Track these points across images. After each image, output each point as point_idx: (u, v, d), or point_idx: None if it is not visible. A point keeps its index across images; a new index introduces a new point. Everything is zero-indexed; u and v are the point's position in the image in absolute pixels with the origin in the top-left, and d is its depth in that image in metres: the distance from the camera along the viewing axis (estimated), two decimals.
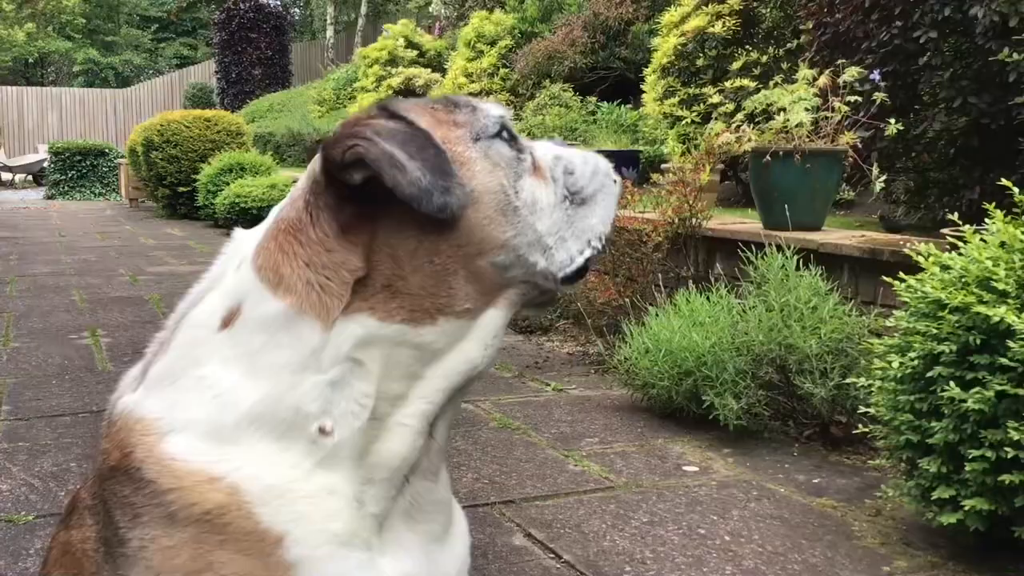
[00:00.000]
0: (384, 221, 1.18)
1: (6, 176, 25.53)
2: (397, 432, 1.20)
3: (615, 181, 1.36)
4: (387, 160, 1.13)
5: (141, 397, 1.23)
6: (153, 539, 1.12)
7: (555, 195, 1.28)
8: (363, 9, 27.63)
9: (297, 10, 40.68)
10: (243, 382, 1.17)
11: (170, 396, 1.20)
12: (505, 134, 1.26)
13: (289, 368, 1.17)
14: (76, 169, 20.79)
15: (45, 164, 22.60)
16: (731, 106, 7.06)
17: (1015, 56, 4.11)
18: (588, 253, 1.30)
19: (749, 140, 4.63)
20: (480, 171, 1.22)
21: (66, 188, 20.63)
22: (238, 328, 1.20)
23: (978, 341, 2.40)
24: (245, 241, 1.27)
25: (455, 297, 1.20)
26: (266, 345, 1.18)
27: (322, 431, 1.16)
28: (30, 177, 25.65)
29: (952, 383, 2.41)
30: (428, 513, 1.28)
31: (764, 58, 7.30)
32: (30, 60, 36.44)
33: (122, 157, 19.02)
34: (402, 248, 1.18)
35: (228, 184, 11.92)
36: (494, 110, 1.29)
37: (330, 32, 28.86)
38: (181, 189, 13.75)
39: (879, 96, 4.58)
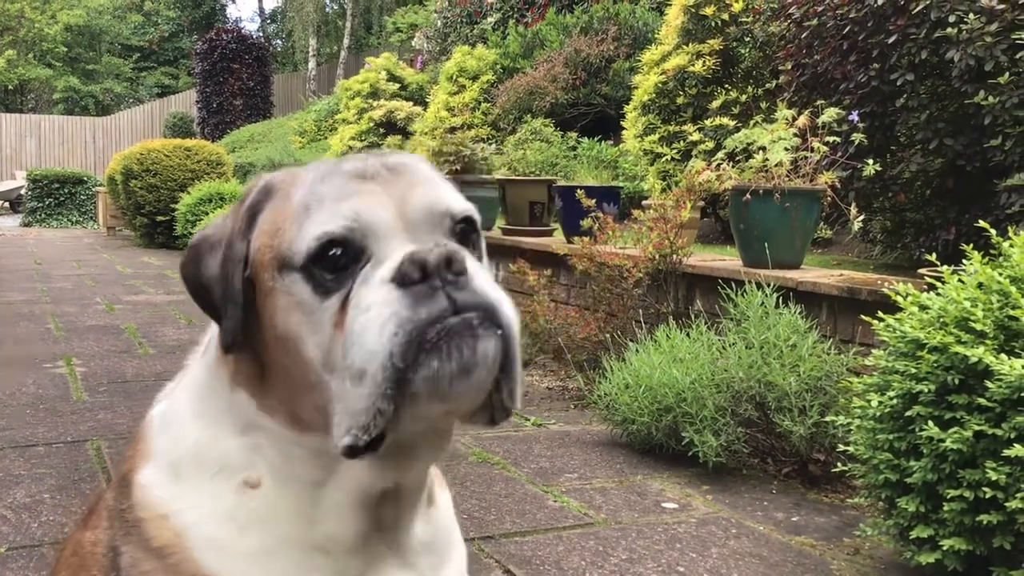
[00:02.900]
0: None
1: None
2: (330, 514, 1.11)
3: (394, 366, 0.98)
4: (201, 294, 1.14)
5: (155, 410, 1.24)
6: (136, 561, 1.12)
7: (344, 359, 1.02)
8: (346, 42, 27.76)
9: (279, 41, 40.85)
10: (188, 417, 1.17)
11: (163, 416, 1.21)
12: (326, 259, 1.04)
13: (215, 418, 1.14)
14: (54, 197, 20.71)
15: (23, 191, 22.48)
16: (711, 144, 7.12)
17: (990, 99, 4.17)
18: (347, 440, 1.01)
19: (729, 178, 4.67)
20: (281, 310, 1.07)
21: (43, 216, 20.52)
22: (204, 358, 1.20)
23: (956, 381, 2.42)
24: None
25: (313, 419, 1.08)
26: (205, 386, 1.17)
27: (247, 483, 1.12)
28: (7, 204, 25.49)
29: (931, 422, 2.42)
30: (415, 554, 1.21)
31: (743, 97, 7.38)
32: (10, 87, 36.31)
33: (101, 185, 18.97)
34: (265, 348, 1.12)
35: (207, 214, 11.89)
36: (328, 223, 1.04)
37: (312, 64, 28.96)
38: (160, 218, 13.70)
39: (858, 136, 4.64)
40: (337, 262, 1.04)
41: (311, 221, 1.05)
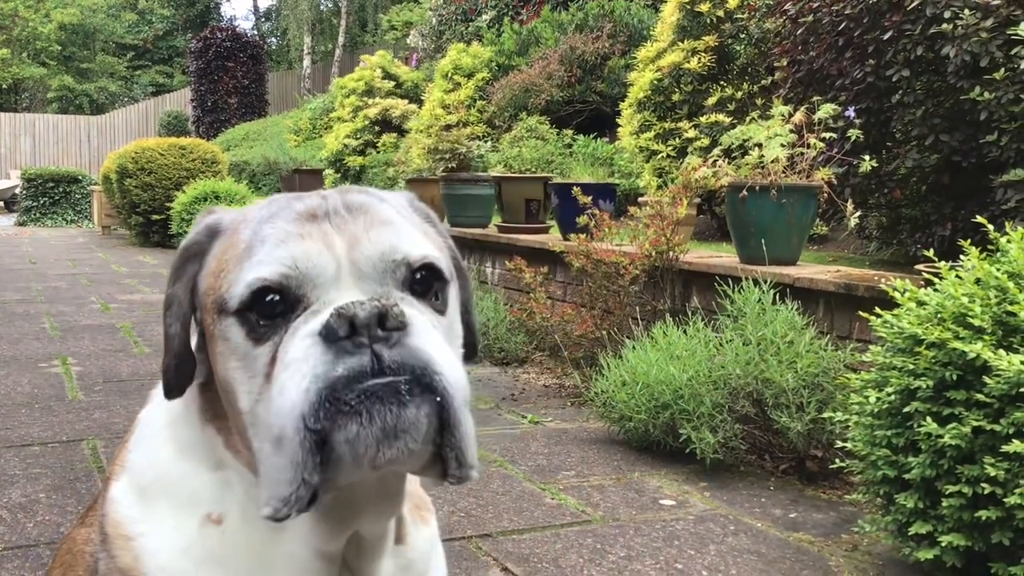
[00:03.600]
0: None
1: None
2: (288, 561, 1.07)
3: (308, 428, 0.91)
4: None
5: (142, 415, 1.21)
6: (108, 572, 1.10)
7: (265, 422, 0.97)
8: (340, 39, 27.73)
9: (274, 39, 40.79)
10: (167, 443, 1.13)
11: (146, 434, 1.17)
12: (262, 305, 0.98)
13: (190, 451, 1.11)
14: (49, 196, 20.65)
15: (17, 190, 22.42)
16: (706, 141, 7.12)
17: (986, 95, 4.17)
18: (267, 511, 0.94)
19: (726, 175, 4.66)
20: (219, 355, 1.02)
21: (38, 215, 20.47)
22: None
23: (954, 377, 2.42)
24: None
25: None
26: (182, 417, 1.13)
27: (209, 517, 1.08)
28: (2, 203, 25.43)
29: (929, 418, 2.42)
30: None
31: (739, 94, 7.37)
32: (4, 86, 36.22)
33: (95, 184, 18.93)
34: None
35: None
36: (264, 267, 0.98)
37: (307, 62, 28.93)
38: (155, 217, 13.68)
39: (854, 133, 4.63)
40: (274, 308, 0.99)
41: (250, 264, 1.00)
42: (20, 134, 29.27)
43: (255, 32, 39.97)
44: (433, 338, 0.98)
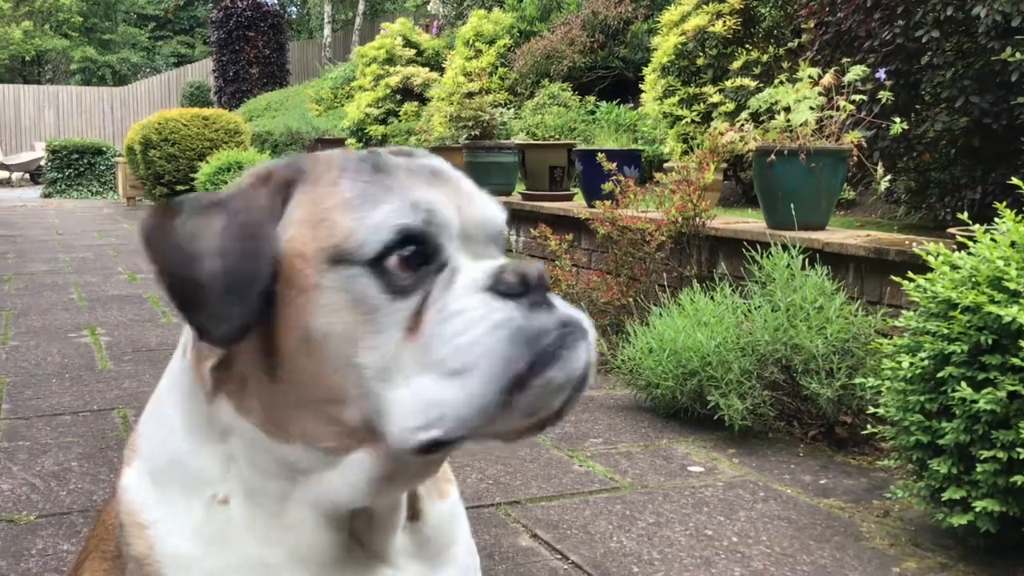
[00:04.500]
0: None
1: (3, 175, 25.48)
2: (296, 531, 1.04)
3: (516, 373, 0.94)
4: (182, 283, 0.96)
5: (152, 399, 1.18)
6: (128, 559, 1.09)
7: (419, 363, 0.95)
8: (360, 8, 27.59)
9: (294, 8, 40.66)
10: (177, 427, 1.09)
11: (153, 417, 1.14)
12: (396, 258, 0.95)
13: (198, 428, 1.07)
14: (73, 167, 20.76)
15: (42, 162, 22.56)
16: (731, 105, 7.05)
17: (1017, 56, 4.10)
18: (434, 433, 0.95)
19: (753, 139, 4.61)
20: (325, 308, 0.96)
21: (63, 186, 20.59)
22: (184, 364, 1.11)
23: (989, 341, 2.39)
24: None
25: (308, 432, 1.00)
26: (189, 395, 1.08)
27: (215, 498, 1.05)
28: (27, 175, 25.60)
29: (963, 383, 2.39)
30: (401, 557, 1.14)
31: (764, 57, 7.29)
32: (27, 58, 36.35)
33: (119, 155, 19.00)
34: (246, 357, 1.02)
35: (226, 183, 11.88)
36: (404, 215, 0.96)
37: (327, 31, 28.82)
38: (179, 188, 13.71)
39: (884, 95, 4.57)
40: (407, 260, 0.96)
41: (379, 211, 0.96)
42: (44, 106, 29.38)
43: (275, 1, 39.87)
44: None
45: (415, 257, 0.96)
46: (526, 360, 0.93)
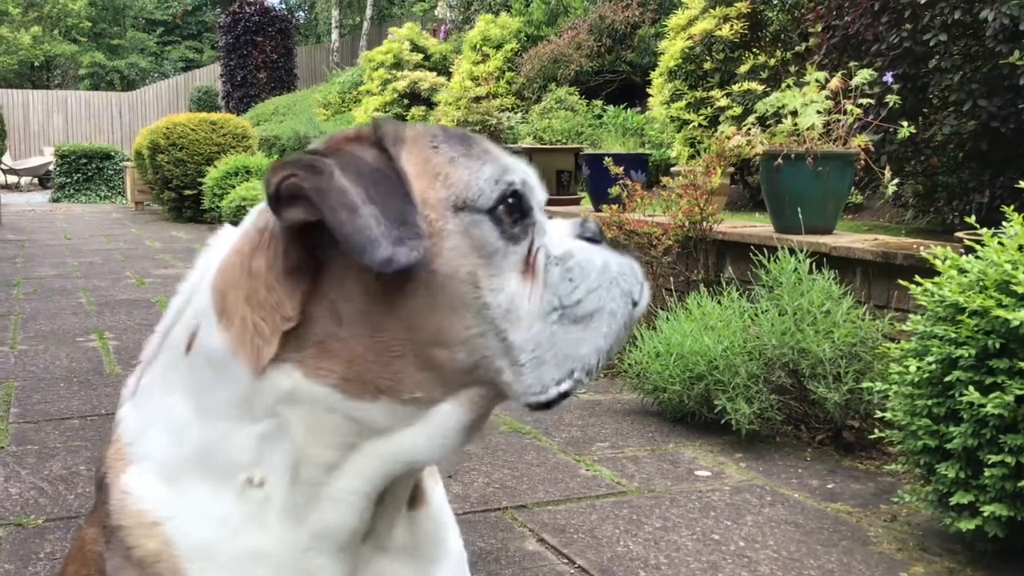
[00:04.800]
0: (331, 269, 1.01)
1: (12, 179, 25.57)
2: (332, 504, 1.05)
3: (634, 302, 1.08)
4: (335, 197, 0.96)
5: (127, 412, 1.16)
6: (117, 570, 1.08)
7: (542, 304, 1.03)
8: (368, 12, 27.65)
9: (302, 13, 40.76)
10: (192, 419, 1.08)
11: (143, 418, 1.13)
12: (504, 208, 1.03)
13: (225, 412, 1.06)
14: (82, 172, 20.82)
15: (51, 167, 22.63)
16: (739, 109, 7.04)
17: None
18: (566, 386, 1.03)
19: (760, 143, 4.61)
20: (450, 250, 1.01)
21: (72, 191, 20.65)
22: (194, 355, 1.10)
23: (997, 345, 2.38)
24: (223, 244, 1.13)
25: (401, 382, 1.02)
26: (210, 382, 1.07)
27: (250, 482, 1.05)
28: (36, 180, 25.68)
29: (971, 387, 2.39)
30: (400, 553, 1.16)
31: (772, 61, 7.28)
32: (36, 63, 36.45)
33: (128, 160, 19.06)
34: (345, 308, 1.01)
35: (234, 187, 11.92)
36: (508, 173, 1.05)
37: (335, 35, 28.88)
38: (187, 192, 13.76)
39: (892, 98, 4.56)
40: (512, 212, 1.05)
41: (488, 168, 1.05)
42: (53, 111, 29.48)
43: (283, 6, 39.93)
44: None
45: (517, 210, 1.05)
46: (638, 292, 1.08)
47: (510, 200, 1.04)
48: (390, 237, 0.95)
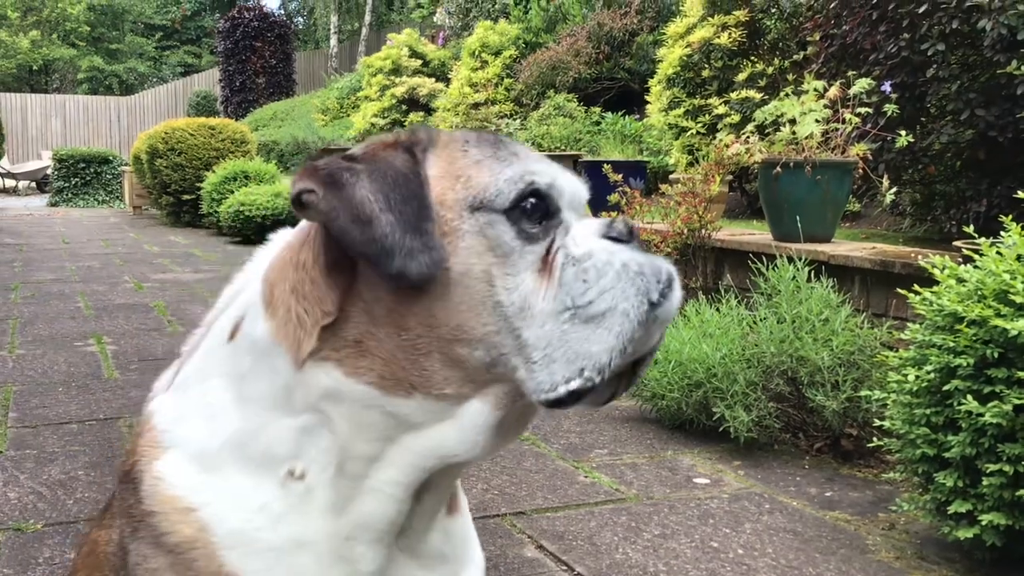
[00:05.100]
0: (363, 270, 1.06)
1: (10, 183, 25.56)
2: (373, 495, 1.08)
3: (650, 303, 1.06)
4: (350, 211, 1.01)
5: (163, 403, 1.18)
6: (144, 558, 1.09)
7: (555, 303, 1.04)
8: (367, 18, 27.69)
9: (301, 19, 40.81)
10: (231, 406, 1.11)
11: (180, 407, 1.16)
12: (523, 209, 1.06)
13: (264, 403, 1.09)
14: (80, 176, 20.81)
15: (49, 171, 22.62)
16: (736, 117, 7.06)
17: (1023, 69, 4.10)
18: (575, 384, 1.03)
19: (759, 151, 4.62)
20: (466, 249, 1.04)
21: (70, 195, 20.64)
22: (238, 343, 1.13)
23: (995, 354, 2.39)
24: (279, 241, 1.18)
25: (430, 378, 1.05)
26: (251, 370, 1.11)
27: (291, 474, 1.08)
28: (34, 184, 25.68)
29: (969, 396, 2.40)
30: (431, 559, 1.19)
31: (770, 69, 7.31)
32: (34, 67, 36.47)
33: (126, 165, 19.07)
34: (376, 307, 1.05)
35: (233, 192, 11.93)
36: (532, 175, 1.07)
37: (334, 41, 28.93)
38: (185, 197, 13.76)
39: (890, 107, 4.58)
40: (533, 213, 1.06)
41: (512, 170, 1.07)
42: (51, 115, 29.49)
43: (282, 11, 40.01)
44: None
45: (539, 211, 1.07)
46: (657, 292, 1.06)
47: (532, 201, 1.06)
48: (403, 248, 0.99)
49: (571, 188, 1.12)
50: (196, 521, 1.07)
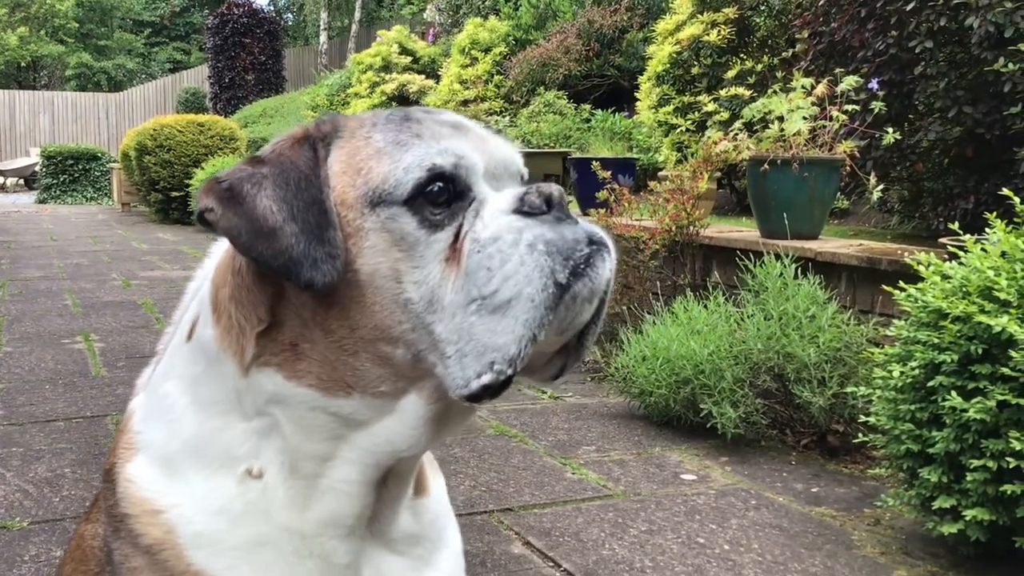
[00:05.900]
0: None
1: None
2: (333, 493, 1.08)
3: (558, 284, 0.99)
4: (248, 226, 0.99)
5: (139, 403, 1.20)
6: (126, 557, 1.10)
7: (462, 294, 1.00)
8: (357, 15, 27.63)
9: (290, 15, 40.69)
10: (188, 409, 1.12)
11: (148, 407, 1.17)
12: (425, 195, 1.02)
13: (218, 407, 1.10)
14: (68, 173, 20.75)
15: (37, 168, 22.54)
16: (726, 114, 7.06)
17: (1010, 66, 4.12)
18: (487, 379, 0.99)
19: (747, 148, 4.63)
20: (370, 248, 1.02)
21: (58, 192, 20.58)
22: (193, 345, 1.14)
23: (979, 351, 2.40)
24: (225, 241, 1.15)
25: (364, 377, 1.04)
26: (204, 374, 1.11)
27: (249, 473, 1.09)
28: (22, 181, 25.57)
29: (953, 393, 2.41)
30: (403, 543, 1.19)
31: (759, 67, 7.31)
32: (22, 64, 36.29)
33: (115, 161, 18.99)
34: (303, 311, 1.05)
35: None
36: (434, 156, 1.02)
37: (323, 38, 28.84)
38: (174, 194, 13.72)
39: (877, 105, 4.58)
40: (439, 197, 1.02)
41: (411, 156, 1.02)
42: (39, 112, 29.35)
43: (271, 8, 39.87)
44: None
45: (445, 194, 1.02)
46: (566, 272, 0.99)
47: (437, 185, 1.02)
48: (309, 258, 0.98)
49: (493, 158, 1.08)
50: (164, 523, 1.08)
